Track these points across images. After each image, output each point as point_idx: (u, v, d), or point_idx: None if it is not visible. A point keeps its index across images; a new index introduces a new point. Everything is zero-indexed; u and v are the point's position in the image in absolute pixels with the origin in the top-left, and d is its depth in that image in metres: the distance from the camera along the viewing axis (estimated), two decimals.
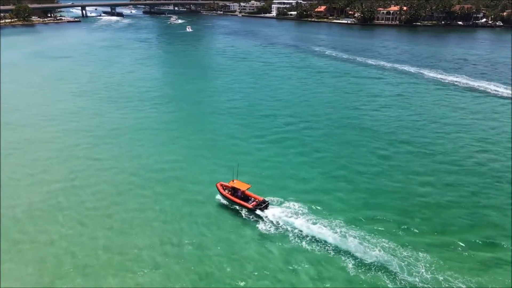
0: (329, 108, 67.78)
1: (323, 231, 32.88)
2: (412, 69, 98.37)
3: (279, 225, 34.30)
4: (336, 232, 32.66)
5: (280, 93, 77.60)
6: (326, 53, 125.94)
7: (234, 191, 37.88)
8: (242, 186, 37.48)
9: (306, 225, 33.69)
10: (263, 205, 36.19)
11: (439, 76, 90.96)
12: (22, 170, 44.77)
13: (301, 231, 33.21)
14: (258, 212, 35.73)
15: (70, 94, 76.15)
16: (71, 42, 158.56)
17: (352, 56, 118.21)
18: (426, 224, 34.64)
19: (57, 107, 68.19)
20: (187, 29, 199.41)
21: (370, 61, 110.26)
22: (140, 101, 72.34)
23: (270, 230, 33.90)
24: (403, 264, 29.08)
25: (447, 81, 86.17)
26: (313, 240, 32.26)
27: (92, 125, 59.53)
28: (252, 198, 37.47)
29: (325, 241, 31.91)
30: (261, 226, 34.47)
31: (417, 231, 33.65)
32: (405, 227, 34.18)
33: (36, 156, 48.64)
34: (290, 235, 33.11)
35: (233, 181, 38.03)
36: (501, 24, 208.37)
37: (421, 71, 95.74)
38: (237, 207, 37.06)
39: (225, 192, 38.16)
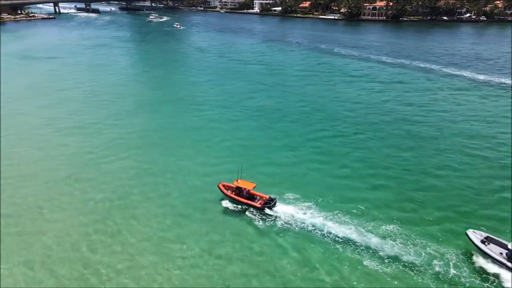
0: (361, 109, 64.52)
1: (342, 229, 31.91)
2: (428, 65, 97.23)
3: (292, 224, 32.71)
4: (361, 232, 31.63)
5: (300, 95, 73.97)
6: (335, 50, 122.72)
7: (239, 190, 36.64)
8: (247, 185, 36.30)
9: (322, 222, 32.63)
10: (272, 203, 34.67)
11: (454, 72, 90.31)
12: None
13: (315, 227, 32.11)
14: (267, 210, 34.22)
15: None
16: (52, 41, 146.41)
17: (366, 54, 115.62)
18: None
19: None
20: (177, 26, 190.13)
21: (382, 58, 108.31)
22: (150, 104, 68.43)
23: (284, 229, 32.31)
24: None
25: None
26: (330, 236, 31.28)
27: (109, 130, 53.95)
28: (258, 197, 35.97)
29: (347, 238, 30.96)
30: (273, 225, 32.83)
31: None
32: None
33: None
34: (306, 232, 31.84)
35: (237, 180, 36.79)
36: (484, 18, 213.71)
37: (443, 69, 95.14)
38: (244, 207, 35.34)
39: (229, 193, 36.91)
